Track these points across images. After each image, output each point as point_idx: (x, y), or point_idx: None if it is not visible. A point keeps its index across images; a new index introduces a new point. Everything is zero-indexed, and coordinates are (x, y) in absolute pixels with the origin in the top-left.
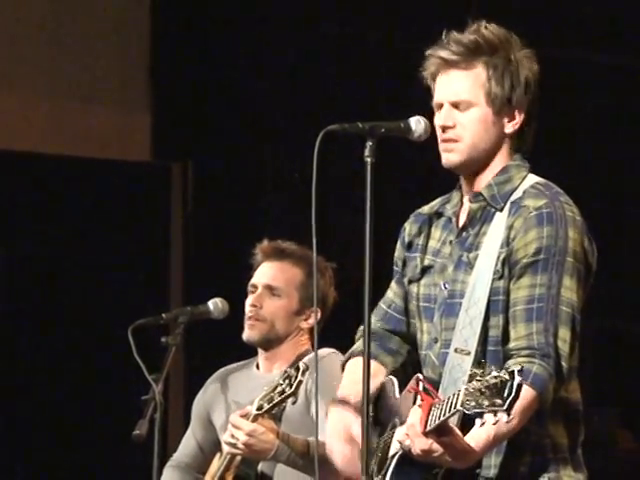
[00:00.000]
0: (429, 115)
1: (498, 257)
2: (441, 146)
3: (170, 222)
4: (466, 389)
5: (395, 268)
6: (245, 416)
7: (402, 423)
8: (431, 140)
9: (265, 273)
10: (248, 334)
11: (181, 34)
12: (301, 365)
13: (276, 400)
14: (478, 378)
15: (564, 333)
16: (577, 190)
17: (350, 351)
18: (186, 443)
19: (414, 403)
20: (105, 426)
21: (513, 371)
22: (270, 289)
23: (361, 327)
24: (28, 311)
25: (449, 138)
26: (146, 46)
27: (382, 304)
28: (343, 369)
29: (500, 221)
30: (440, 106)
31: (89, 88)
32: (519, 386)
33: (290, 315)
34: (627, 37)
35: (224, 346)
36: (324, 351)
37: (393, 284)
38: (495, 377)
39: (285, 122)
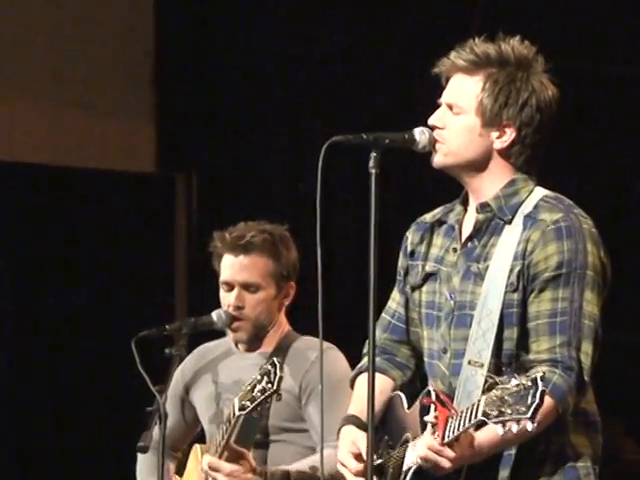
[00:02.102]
0: None
1: (512, 269)
2: (434, 145)
3: (174, 233)
4: (487, 398)
5: (398, 277)
6: (228, 449)
7: (414, 437)
8: None
9: (236, 270)
10: (236, 336)
11: (185, 45)
12: (276, 360)
13: (259, 399)
14: (499, 386)
15: (586, 347)
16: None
17: (358, 367)
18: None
19: (422, 416)
20: (110, 437)
21: (536, 378)
22: (247, 286)
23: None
24: (32, 324)
25: (436, 139)
26: (150, 57)
27: (385, 315)
28: (352, 386)
29: (511, 233)
30: (440, 105)
31: (93, 99)
32: (542, 392)
33: (270, 302)
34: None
35: None
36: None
37: (395, 294)
38: (517, 385)
39: (289, 133)
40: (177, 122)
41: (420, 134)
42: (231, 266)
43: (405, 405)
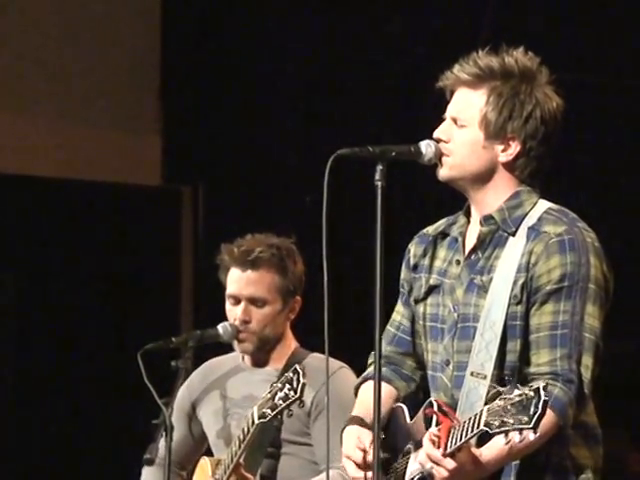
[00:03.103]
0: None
1: (515, 282)
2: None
3: (180, 246)
4: (489, 408)
5: (401, 290)
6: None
7: (417, 448)
8: None
9: (243, 284)
10: (243, 347)
11: (192, 58)
12: (299, 367)
13: (281, 406)
14: (502, 396)
15: (587, 360)
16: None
17: (363, 375)
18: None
19: (427, 427)
20: (116, 450)
21: (538, 388)
22: (254, 300)
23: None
24: (39, 335)
25: (442, 152)
26: (157, 70)
27: (390, 327)
28: (356, 393)
29: (515, 246)
30: (445, 119)
31: (100, 112)
32: (545, 402)
33: (276, 317)
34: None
35: None
36: (333, 364)
37: (399, 306)
38: (519, 395)
39: (296, 146)
40: (184, 136)
41: (426, 147)
42: (238, 280)
43: (407, 416)
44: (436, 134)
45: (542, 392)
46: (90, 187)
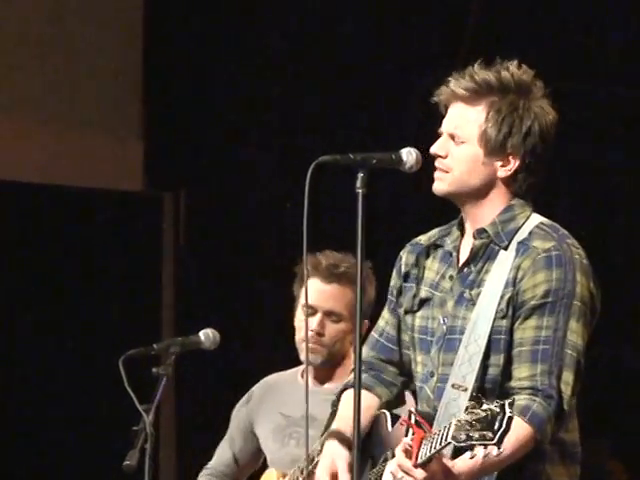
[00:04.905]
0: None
1: (502, 296)
2: (434, 173)
3: (162, 252)
4: (457, 421)
5: (390, 297)
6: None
7: (394, 456)
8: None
9: (324, 297)
10: (311, 358)
11: (174, 64)
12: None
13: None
14: (469, 410)
15: (567, 376)
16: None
17: (345, 383)
18: (222, 452)
19: (406, 436)
20: (96, 456)
21: (504, 404)
22: (331, 314)
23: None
24: (18, 341)
25: (439, 167)
26: (140, 76)
27: (374, 333)
28: (338, 400)
29: (505, 260)
30: (441, 134)
31: (82, 117)
32: (509, 419)
33: (347, 335)
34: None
35: (215, 376)
36: None
37: (386, 313)
38: (485, 410)
39: (278, 152)
40: (166, 142)
41: (407, 154)
42: (320, 292)
43: (389, 424)
44: (433, 150)
45: (507, 409)
46: (71, 193)
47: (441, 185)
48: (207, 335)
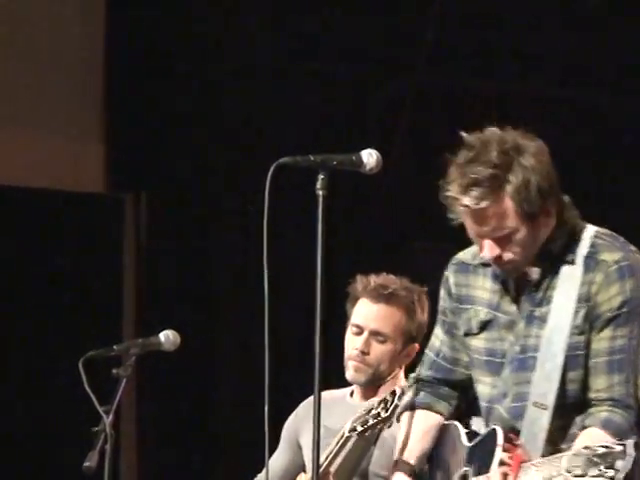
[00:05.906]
0: None
1: (577, 312)
2: (499, 266)
3: (123, 253)
4: (574, 454)
5: (442, 317)
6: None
7: (476, 474)
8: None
9: (372, 317)
10: (354, 376)
11: (135, 64)
12: (397, 389)
13: (370, 423)
14: (587, 445)
15: None
16: None
17: (403, 404)
18: (274, 463)
19: (486, 454)
20: (55, 458)
21: (625, 444)
22: (377, 334)
23: (410, 375)
24: None
25: (504, 264)
26: (100, 77)
27: (430, 352)
28: (398, 420)
29: (572, 275)
30: (482, 239)
31: (42, 118)
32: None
33: (393, 356)
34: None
35: (175, 378)
36: None
37: (440, 332)
38: (604, 447)
39: (240, 153)
40: (127, 143)
41: (368, 156)
42: (368, 312)
43: (464, 438)
44: (492, 253)
45: (631, 449)
46: (32, 194)
47: (516, 271)
48: (167, 336)
